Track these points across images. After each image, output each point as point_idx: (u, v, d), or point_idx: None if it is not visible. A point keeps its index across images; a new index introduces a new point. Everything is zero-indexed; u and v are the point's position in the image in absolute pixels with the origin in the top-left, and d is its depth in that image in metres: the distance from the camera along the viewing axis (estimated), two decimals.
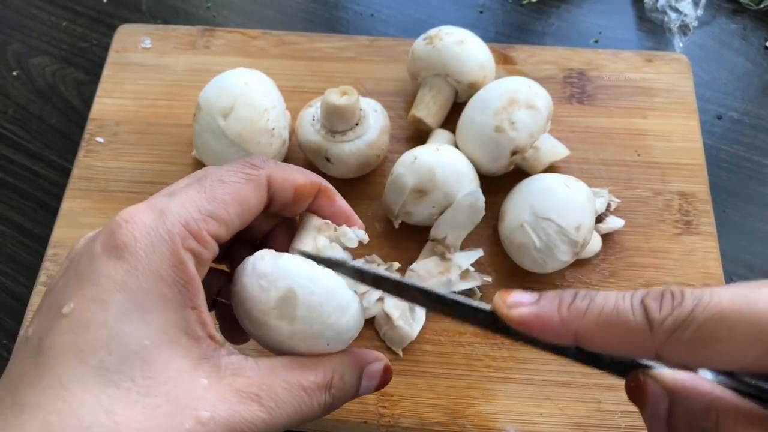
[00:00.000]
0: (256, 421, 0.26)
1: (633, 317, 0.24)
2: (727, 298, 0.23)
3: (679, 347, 0.24)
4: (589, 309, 0.25)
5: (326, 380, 0.29)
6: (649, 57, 0.55)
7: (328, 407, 0.29)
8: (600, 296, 0.26)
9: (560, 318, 0.26)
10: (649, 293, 0.25)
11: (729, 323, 0.23)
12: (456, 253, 0.45)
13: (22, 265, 0.51)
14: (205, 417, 0.24)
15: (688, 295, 0.24)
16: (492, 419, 0.41)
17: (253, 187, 0.30)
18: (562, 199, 0.42)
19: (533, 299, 0.27)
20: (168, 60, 0.56)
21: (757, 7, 0.62)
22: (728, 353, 0.23)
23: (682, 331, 0.23)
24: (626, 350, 0.26)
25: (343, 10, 0.64)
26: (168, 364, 0.25)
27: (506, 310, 0.27)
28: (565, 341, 0.26)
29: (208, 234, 0.27)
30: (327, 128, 0.46)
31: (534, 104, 0.44)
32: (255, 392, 0.26)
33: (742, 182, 0.53)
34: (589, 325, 0.25)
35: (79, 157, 0.52)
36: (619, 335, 0.25)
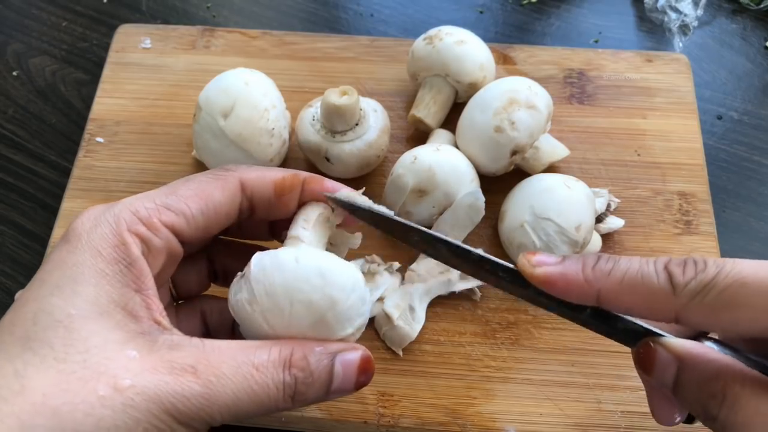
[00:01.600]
0: (188, 394, 0.24)
1: (657, 280, 0.26)
2: (749, 267, 0.24)
3: (700, 310, 0.25)
4: (613, 271, 0.26)
5: (283, 357, 0.27)
6: (649, 57, 0.55)
7: (291, 392, 0.27)
8: (624, 260, 0.27)
9: (584, 277, 0.27)
10: (672, 260, 0.26)
11: (750, 290, 0.24)
12: None
13: (22, 265, 0.51)
14: (124, 384, 0.24)
15: (711, 262, 0.25)
16: (492, 419, 0.41)
17: (220, 185, 0.30)
18: (562, 199, 0.42)
19: (558, 260, 0.28)
20: (168, 60, 0.56)
21: (757, 7, 0.62)
22: (747, 318, 0.24)
23: (704, 294, 0.25)
24: (648, 311, 0.27)
25: (343, 10, 0.64)
26: (94, 334, 0.24)
27: (530, 269, 0.28)
28: (587, 301, 0.27)
29: (159, 222, 0.28)
30: (327, 128, 0.46)
31: (534, 104, 0.44)
32: (190, 364, 0.25)
33: (742, 182, 0.53)
34: (613, 286, 0.26)
35: (79, 157, 0.52)
36: (643, 296, 0.26)
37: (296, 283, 0.27)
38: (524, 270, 0.28)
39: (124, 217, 0.27)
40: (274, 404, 0.26)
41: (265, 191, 0.31)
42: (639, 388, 0.42)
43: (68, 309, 0.25)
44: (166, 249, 0.28)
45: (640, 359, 0.28)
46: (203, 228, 0.30)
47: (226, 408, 0.25)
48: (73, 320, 0.24)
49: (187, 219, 0.29)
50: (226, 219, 0.31)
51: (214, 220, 0.30)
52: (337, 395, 0.28)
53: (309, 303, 0.27)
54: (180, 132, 0.53)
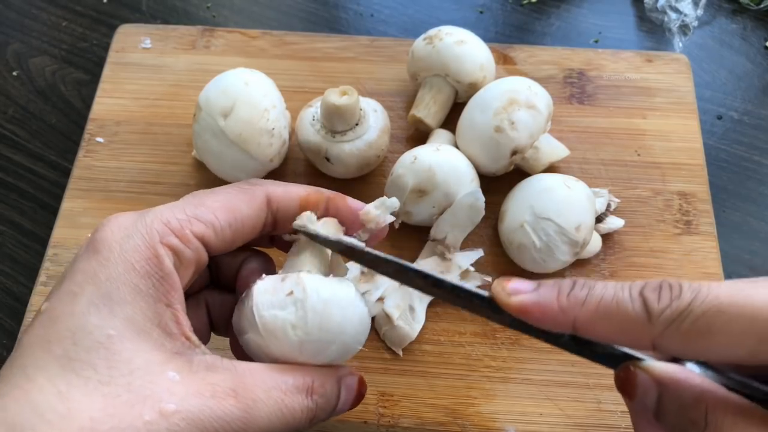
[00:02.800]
0: (230, 419, 0.25)
1: (632, 308, 0.25)
2: (725, 291, 0.24)
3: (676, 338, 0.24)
4: (588, 298, 0.26)
5: (306, 384, 0.28)
6: (649, 57, 0.55)
7: (312, 416, 0.28)
8: (599, 286, 0.26)
9: (559, 306, 0.26)
10: (647, 285, 0.25)
11: (726, 316, 0.23)
12: (456, 253, 0.45)
13: (22, 265, 0.51)
14: (169, 409, 0.24)
15: (686, 287, 0.24)
16: (492, 419, 0.41)
17: (247, 198, 0.30)
18: (562, 199, 0.42)
19: (532, 287, 0.27)
20: (168, 60, 0.56)
21: (757, 7, 0.62)
22: (724, 345, 0.24)
23: (679, 322, 0.24)
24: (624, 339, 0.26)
25: (343, 10, 0.64)
26: (135, 355, 0.24)
27: (505, 298, 0.27)
28: (563, 329, 0.27)
29: (191, 233, 0.27)
30: (327, 128, 0.46)
31: (534, 104, 0.44)
32: (231, 387, 0.25)
33: (742, 182, 0.53)
34: (587, 314, 0.26)
35: (79, 157, 0.52)
36: (618, 324, 0.25)
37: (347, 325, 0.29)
38: (498, 298, 0.27)
39: (156, 228, 0.27)
40: (297, 426, 0.28)
41: (290, 207, 0.31)
42: None
43: (107, 329, 0.24)
44: (196, 260, 0.28)
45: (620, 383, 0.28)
46: (230, 241, 0.30)
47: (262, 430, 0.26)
48: (113, 341, 0.24)
49: (215, 231, 0.29)
50: (251, 232, 0.30)
51: (240, 234, 0.30)
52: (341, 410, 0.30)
53: (345, 345, 0.29)
54: (180, 132, 0.53)
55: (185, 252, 0.27)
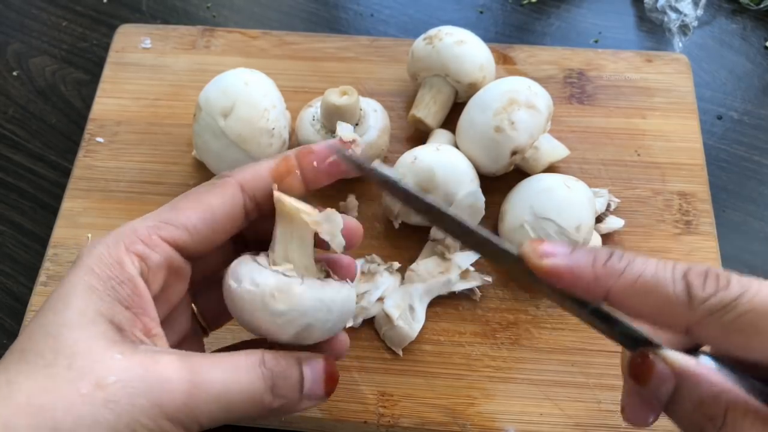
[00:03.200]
0: (175, 378, 0.25)
1: (673, 289, 0.24)
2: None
3: (715, 328, 0.24)
4: (627, 270, 0.25)
5: (256, 356, 0.28)
6: (649, 57, 0.55)
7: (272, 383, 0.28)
8: (639, 260, 0.25)
9: (594, 273, 0.25)
10: (692, 269, 0.25)
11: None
12: (456, 253, 0.45)
13: (22, 265, 0.51)
14: (108, 381, 0.24)
15: (735, 280, 0.24)
16: (492, 419, 0.41)
17: (217, 191, 0.30)
18: (562, 199, 0.42)
19: (567, 251, 0.26)
20: (168, 60, 0.56)
21: (757, 7, 0.62)
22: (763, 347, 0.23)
23: (723, 314, 0.23)
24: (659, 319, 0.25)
25: (343, 10, 0.64)
26: (80, 341, 0.25)
27: (536, 259, 0.26)
28: (595, 297, 0.26)
29: (159, 238, 0.28)
30: (327, 128, 0.46)
31: (534, 104, 0.44)
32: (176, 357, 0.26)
33: (742, 182, 0.53)
34: (624, 286, 0.25)
35: (79, 157, 0.52)
36: (655, 303, 0.25)
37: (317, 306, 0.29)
38: (530, 260, 0.26)
39: (123, 237, 0.28)
40: (260, 396, 0.27)
41: (264, 185, 0.31)
42: None
43: (59, 321, 0.25)
44: (166, 264, 0.29)
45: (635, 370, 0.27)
46: (208, 237, 0.30)
47: (215, 398, 0.26)
48: (61, 332, 0.25)
49: (188, 230, 0.29)
50: (231, 223, 0.30)
51: (219, 227, 0.30)
52: (311, 401, 0.29)
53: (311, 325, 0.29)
54: (180, 132, 0.53)
55: (152, 256, 0.28)
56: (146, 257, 0.28)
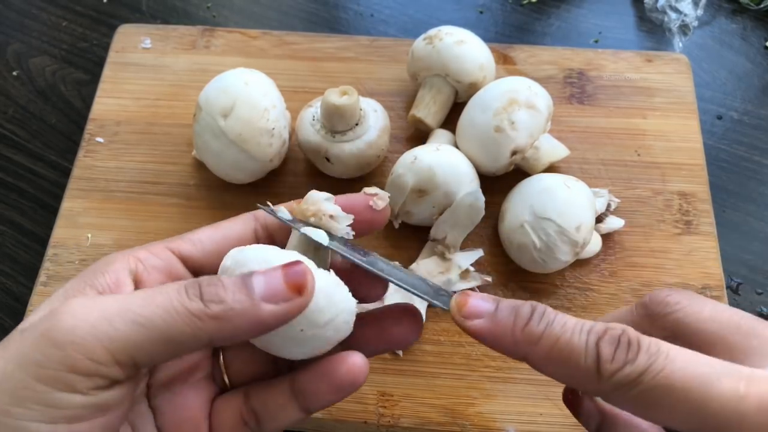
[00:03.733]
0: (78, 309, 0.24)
1: (584, 360, 0.25)
2: (680, 366, 0.23)
3: (621, 400, 0.25)
4: (543, 337, 0.25)
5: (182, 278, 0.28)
6: (649, 57, 0.55)
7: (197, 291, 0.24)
8: (557, 323, 0.25)
9: (513, 339, 0.26)
10: (607, 334, 0.25)
11: (674, 397, 0.23)
12: (456, 253, 0.45)
13: (22, 265, 0.51)
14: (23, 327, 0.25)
15: (644, 349, 0.24)
16: (492, 419, 0.41)
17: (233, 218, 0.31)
18: (562, 199, 0.42)
19: (490, 309, 0.27)
20: (168, 60, 0.56)
21: (757, 7, 0.62)
22: (664, 419, 0.24)
23: (627, 389, 0.24)
24: (571, 384, 0.26)
25: (343, 10, 0.64)
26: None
27: (461, 320, 0.27)
28: (516, 358, 0.27)
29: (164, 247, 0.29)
30: (327, 128, 0.46)
31: (534, 104, 0.44)
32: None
33: (742, 182, 0.53)
34: (539, 353, 0.25)
35: (79, 157, 0.52)
36: (568, 371, 0.25)
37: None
38: (455, 319, 0.27)
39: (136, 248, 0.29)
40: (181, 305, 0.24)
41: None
42: None
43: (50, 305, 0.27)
44: (165, 268, 0.29)
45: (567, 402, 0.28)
46: (215, 252, 0.30)
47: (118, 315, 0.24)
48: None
49: (194, 243, 0.30)
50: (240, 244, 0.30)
51: (227, 244, 0.30)
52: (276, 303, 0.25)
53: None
54: (180, 132, 0.53)
55: (151, 260, 0.29)
56: (144, 260, 0.29)
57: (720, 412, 0.23)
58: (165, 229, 0.48)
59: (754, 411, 0.22)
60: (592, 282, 0.46)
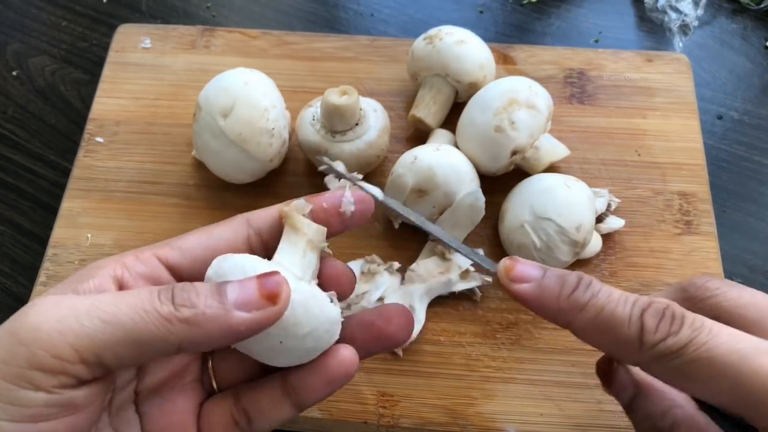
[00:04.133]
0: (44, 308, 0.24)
1: (628, 329, 0.25)
2: (723, 344, 0.24)
3: (660, 370, 0.25)
4: (588, 305, 0.26)
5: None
6: (649, 57, 0.55)
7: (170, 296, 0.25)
8: (603, 293, 0.26)
9: (558, 305, 0.26)
10: (651, 307, 0.25)
11: (715, 371, 0.23)
12: (456, 253, 0.45)
13: (22, 265, 0.51)
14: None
15: (688, 323, 0.24)
16: (492, 419, 0.41)
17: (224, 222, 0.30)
18: (562, 199, 0.42)
19: (538, 275, 0.27)
20: (168, 60, 0.56)
21: (757, 7, 0.62)
22: (704, 392, 0.24)
23: (669, 359, 0.24)
24: (613, 353, 0.26)
25: (343, 10, 0.64)
26: None
27: (507, 282, 0.27)
28: (558, 324, 0.27)
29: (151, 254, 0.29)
30: (327, 128, 0.46)
31: (534, 104, 0.44)
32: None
33: (742, 182, 0.53)
34: (583, 321, 0.26)
35: (79, 157, 0.52)
36: (610, 340, 0.26)
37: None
38: (502, 280, 0.28)
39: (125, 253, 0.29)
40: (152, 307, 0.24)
41: (270, 220, 0.30)
42: None
43: None
44: (149, 276, 0.28)
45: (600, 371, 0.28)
46: (202, 260, 0.29)
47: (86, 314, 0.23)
48: None
49: (181, 250, 0.29)
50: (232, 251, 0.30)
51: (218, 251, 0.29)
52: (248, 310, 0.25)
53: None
54: (180, 132, 0.53)
55: (137, 267, 0.28)
56: (131, 267, 0.28)
57: (758, 387, 0.23)
58: (165, 229, 0.48)
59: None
60: None
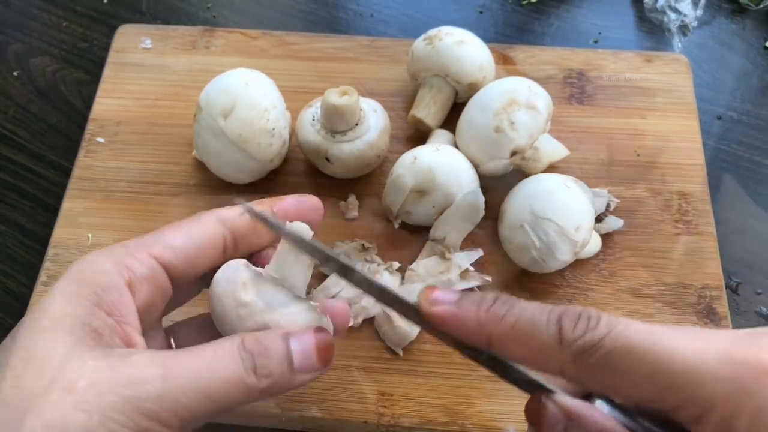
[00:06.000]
0: (148, 377, 0.25)
1: (546, 332, 0.25)
2: (640, 333, 0.24)
3: (583, 369, 0.25)
4: (506, 315, 0.26)
5: (234, 340, 0.28)
6: (648, 57, 0.55)
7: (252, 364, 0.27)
8: (520, 304, 0.26)
9: (477, 320, 0.26)
10: (568, 311, 0.26)
11: (633, 358, 0.24)
12: (456, 253, 0.45)
13: (22, 265, 0.51)
14: (78, 385, 0.24)
15: (604, 321, 0.25)
16: (492, 419, 0.41)
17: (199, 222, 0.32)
18: (562, 199, 0.42)
19: (454, 298, 0.27)
20: (168, 60, 0.56)
21: (757, 7, 0.62)
22: (628, 385, 0.24)
23: (589, 354, 0.24)
24: (535, 362, 0.26)
25: (343, 10, 0.64)
26: (50, 349, 0.25)
27: (427, 307, 0.28)
28: (480, 343, 0.27)
29: (147, 254, 0.29)
30: (327, 128, 0.46)
31: (534, 105, 0.44)
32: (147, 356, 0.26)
33: (742, 182, 0.53)
34: (503, 331, 0.26)
35: (80, 157, 0.52)
36: (530, 347, 0.26)
37: None
38: (421, 306, 0.28)
39: (114, 250, 0.29)
40: (240, 379, 0.27)
41: (242, 222, 0.32)
42: None
43: (34, 330, 0.26)
44: (152, 278, 0.29)
45: (529, 412, 0.28)
46: (191, 260, 0.31)
47: (191, 389, 0.25)
48: (34, 339, 0.25)
49: (173, 250, 0.30)
50: (212, 252, 0.32)
51: (200, 252, 0.31)
52: (307, 373, 0.29)
53: None
54: (180, 132, 0.53)
55: (139, 269, 0.29)
56: (133, 269, 0.29)
57: (680, 369, 0.23)
58: None
59: (712, 364, 0.23)
60: (591, 282, 0.46)
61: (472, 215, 0.44)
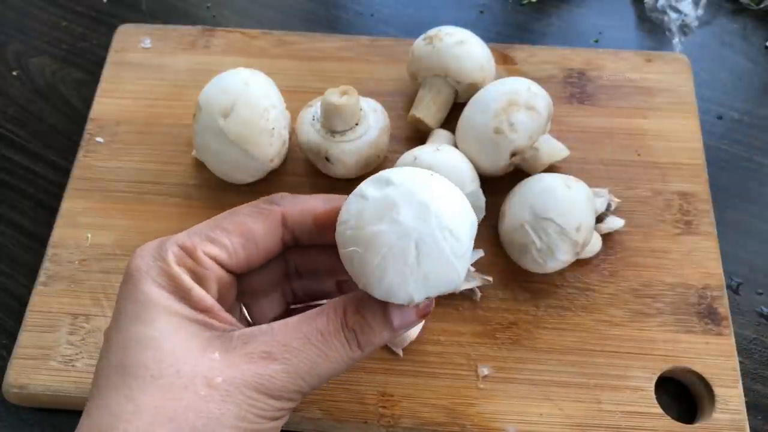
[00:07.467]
0: (273, 373, 0.27)
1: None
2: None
3: None
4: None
5: (339, 317, 0.29)
6: (649, 57, 0.55)
7: (356, 342, 0.29)
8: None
9: None
10: None
11: None
12: None
13: (22, 265, 0.51)
14: (216, 381, 0.26)
15: None
16: (492, 419, 0.41)
17: (261, 219, 0.31)
18: (562, 199, 0.42)
19: None
20: (168, 60, 0.56)
21: (757, 7, 0.62)
22: None
23: None
24: None
25: (343, 10, 0.64)
26: (177, 347, 0.27)
27: None
28: None
29: (204, 254, 0.30)
30: (327, 128, 0.46)
31: (533, 106, 0.44)
32: (265, 350, 0.28)
33: (742, 182, 0.53)
34: None
35: (79, 157, 0.52)
36: None
37: None
38: None
39: (173, 251, 0.29)
40: (348, 357, 0.29)
41: (305, 224, 0.32)
42: (639, 388, 0.42)
43: (150, 332, 0.27)
44: (216, 278, 0.30)
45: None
46: (245, 261, 0.31)
47: (308, 374, 0.28)
48: (156, 341, 0.27)
49: (228, 253, 0.30)
50: (267, 253, 0.32)
51: (254, 255, 0.31)
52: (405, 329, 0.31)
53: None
54: (180, 132, 0.53)
55: (199, 270, 0.29)
56: (195, 271, 0.29)
57: None
58: (165, 230, 0.48)
59: None
60: (592, 282, 0.46)
61: None
